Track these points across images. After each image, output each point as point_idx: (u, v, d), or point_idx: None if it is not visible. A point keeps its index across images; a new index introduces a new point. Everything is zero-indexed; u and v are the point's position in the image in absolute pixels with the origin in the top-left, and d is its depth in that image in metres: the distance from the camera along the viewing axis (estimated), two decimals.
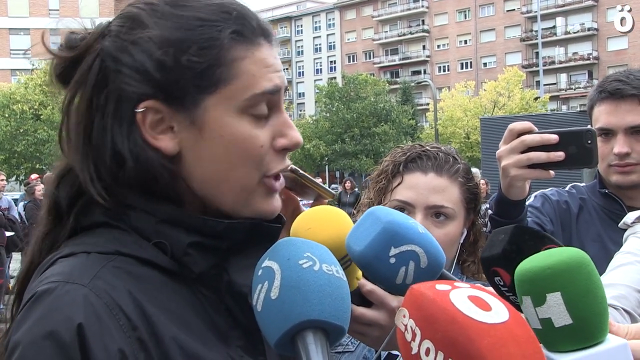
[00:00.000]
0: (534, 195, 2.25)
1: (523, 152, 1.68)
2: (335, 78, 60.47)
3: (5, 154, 37.13)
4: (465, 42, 65.80)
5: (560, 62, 59.45)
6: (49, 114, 34.65)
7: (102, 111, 0.95)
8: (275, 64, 0.99)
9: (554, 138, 1.66)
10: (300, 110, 71.70)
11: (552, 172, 1.69)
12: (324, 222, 1.11)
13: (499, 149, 1.75)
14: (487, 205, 1.90)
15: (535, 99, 44.09)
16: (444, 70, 67.01)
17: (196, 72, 0.93)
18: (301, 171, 1.21)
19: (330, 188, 1.29)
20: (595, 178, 2.26)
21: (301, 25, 77.39)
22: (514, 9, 62.34)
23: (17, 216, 10.45)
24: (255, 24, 0.99)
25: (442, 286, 0.77)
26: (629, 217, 1.72)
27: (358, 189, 17.77)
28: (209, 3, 0.97)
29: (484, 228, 1.82)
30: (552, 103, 53.50)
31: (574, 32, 59.13)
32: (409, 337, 0.75)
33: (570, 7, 59.31)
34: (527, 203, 1.91)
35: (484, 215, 1.84)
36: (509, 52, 62.50)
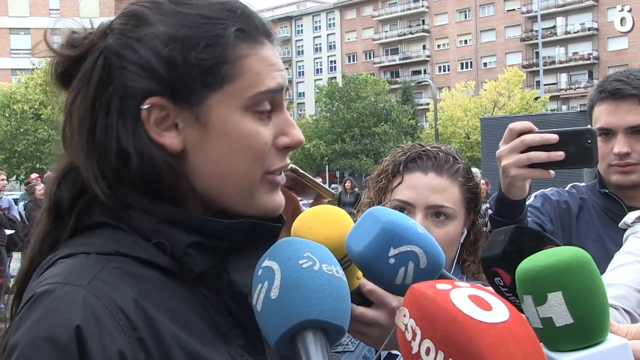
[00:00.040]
0: (534, 195, 2.25)
1: (523, 152, 1.68)
2: (335, 78, 60.46)
3: (6, 154, 37.14)
4: (466, 42, 65.80)
5: (561, 62, 59.46)
6: (49, 113, 34.62)
7: (105, 109, 0.95)
8: (278, 63, 1.00)
9: (554, 138, 1.66)
10: (301, 110, 71.69)
11: (552, 172, 1.69)
12: (324, 222, 1.11)
13: (499, 148, 1.75)
14: (487, 205, 1.90)
15: (536, 99, 44.08)
16: (444, 70, 67.00)
17: (202, 69, 0.94)
18: (301, 170, 1.21)
19: (330, 188, 1.29)
20: (595, 178, 2.26)
21: (301, 25, 77.38)
22: (514, 9, 62.34)
23: (17, 216, 10.45)
24: (258, 23, 0.99)
25: (442, 285, 0.77)
26: (629, 217, 1.72)
27: (358, 188, 17.76)
28: (213, 2, 0.98)
29: (484, 228, 1.82)
30: (552, 103, 53.49)
31: (574, 32, 59.14)
32: (409, 336, 0.75)
33: (570, 7, 59.31)
34: (527, 203, 1.91)
35: (484, 215, 1.84)
36: (509, 52, 62.50)
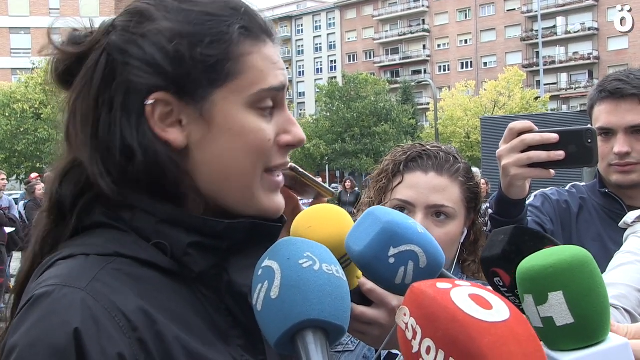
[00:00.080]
0: (534, 194, 2.25)
1: (523, 151, 1.68)
2: (335, 77, 60.47)
3: (6, 153, 37.15)
4: (466, 41, 65.80)
5: (561, 62, 59.46)
6: (49, 113, 34.59)
7: (109, 105, 0.95)
8: (279, 62, 1.01)
9: (554, 137, 1.66)
10: (301, 110, 71.69)
11: (552, 171, 1.69)
12: (324, 221, 1.11)
13: (499, 148, 1.75)
14: (487, 204, 1.90)
15: (536, 98, 44.07)
16: (445, 70, 67.01)
17: (207, 65, 0.94)
18: (300, 169, 1.21)
19: (330, 187, 1.29)
20: (595, 177, 2.26)
21: (302, 25, 77.40)
22: (514, 9, 62.35)
23: (17, 215, 10.46)
24: (261, 22, 1.00)
25: (443, 284, 0.77)
26: (629, 216, 1.72)
27: (358, 188, 17.76)
28: (216, 0, 0.98)
29: (484, 227, 1.82)
30: (553, 103, 53.49)
31: (575, 32, 59.14)
32: (409, 335, 0.75)
33: (570, 7, 59.31)
34: (527, 202, 1.90)
35: (484, 215, 1.84)
36: (510, 52, 62.51)
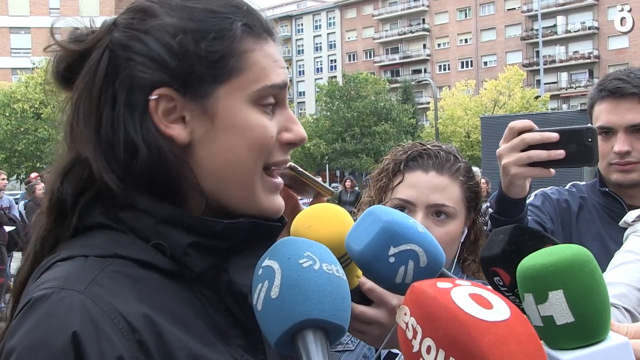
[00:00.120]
0: (534, 193, 2.25)
1: (523, 150, 1.68)
2: (335, 77, 60.51)
3: (6, 153, 37.15)
4: (466, 40, 65.79)
5: (561, 61, 59.45)
6: (49, 112, 34.55)
7: (112, 102, 0.95)
8: (281, 61, 1.01)
9: (555, 136, 1.66)
10: (301, 109, 71.68)
11: (552, 171, 1.69)
12: (324, 220, 1.11)
13: (499, 147, 1.75)
14: (487, 203, 1.90)
15: (536, 97, 44.08)
16: (445, 69, 67.01)
17: (211, 61, 0.94)
18: (300, 168, 1.21)
19: (330, 187, 1.29)
20: (595, 177, 2.26)
21: (302, 24, 77.39)
22: (514, 8, 62.33)
23: (18, 215, 10.45)
24: (262, 20, 1.01)
25: (443, 284, 0.77)
26: (630, 215, 1.72)
27: (358, 187, 17.77)
28: None
29: (484, 227, 1.82)
30: (553, 102, 53.48)
31: (575, 31, 59.12)
32: (410, 335, 0.75)
33: (570, 6, 59.29)
34: (527, 202, 1.90)
35: (484, 214, 1.84)
36: (510, 51, 62.50)
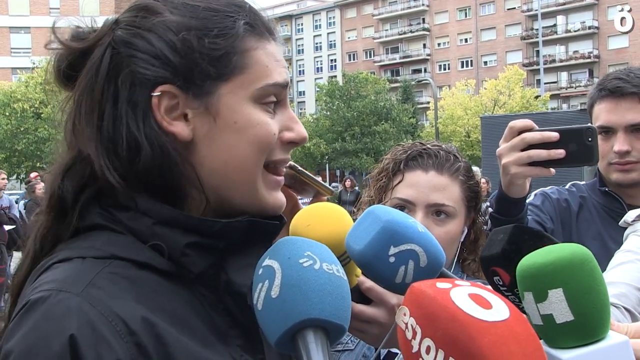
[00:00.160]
0: (534, 193, 2.25)
1: (523, 150, 1.68)
2: (335, 76, 60.49)
3: (6, 153, 37.16)
4: (466, 40, 65.77)
5: (561, 61, 59.42)
6: (49, 112, 34.51)
7: (114, 99, 0.95)
8: (282, 60, 1.02)
9: (555, 135, 1.66)
10: (301, 109, 71.67)
11: (552, 170, 1.69)
12: (323, 219, 1.12)
13: (499, 147, 1.75)
14: (487, 203, 1.90)
15: (536, 97, 44.05)
16: (445, 69, 66.98)
17: (213, 58, 0.95)
18: (300, 168, 1.22)
19: (330, 186, 1.29)
20: (595, 176, 2.26)
21: (302, 24, 77.37)
22: (514, 7, 62.28)
23: (18, 215, 10.44)
24: (264, 20, 1.02)
25: (442, 284, 0.77)
26: (630, 215, 1.72)
27: (358, 187, 17.77)
28: None
29: (484, 226, 1.82)
30: (553, 101, 53.47)
31: (575, 31, 59.09)
32: (409, 335, 0.75)
33: (570, 6, 59.27)
34: (527, 201, 1.91)
35: (484, 214, 1.84)
36: (510, 51, 62.47)
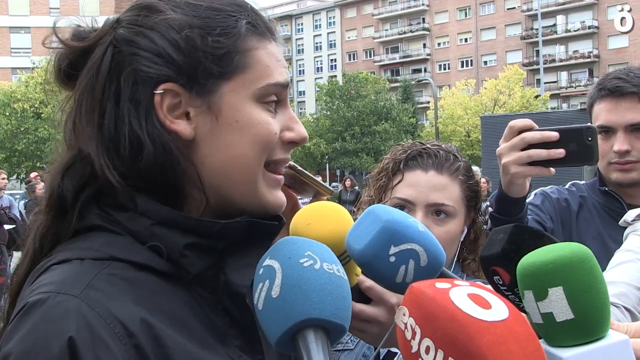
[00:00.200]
0: (534, 193, 2.25)
1: (523, 149, 1.68)
2: (335, 76, 60.48)
3: (6, 153, 37.15)
4: (466, 40, 65.74)
5: (561, 60, 59.39)
6: (49, 112, 34.45)
7: (115, 98, 0.94)
8: (283, 61, 1.02)
9: (555, 135, 1.66)
10: (301, 109, 71.63)
11: (552, 170, 1.69)
12: (323, 218, 1.12)
13: (499, 146, 1.75)
14: (487, 202, 1.90)
15: (536, 97, 44.03)
16: (445, 69, 66.95)
17: (216, 56, 0.95)
18: (300, 168, 1.22)
19: (330, 186, 1.29)
20: (595, 176, 2.26)
21: (302, 24, 77.34)
22: (514, 7, 62.26)
23: (18, 215, 10.44)
24: (265, 21, 1.02)
25: (441, 284, 0.77)
26: (629, 214, 1.72)
27: (358, 187, 17.77)
28: None
29: (484, 226, 1.82)
30: (553, 101, 53.45)
31: (575, 30, 59.06)
32: (408, 335, 0.75)
33: (570, 5, 59.25)
34: (527, 201, 1.91)
35: (484, 213, 1.84)
36: (510, 50, 62.45)
